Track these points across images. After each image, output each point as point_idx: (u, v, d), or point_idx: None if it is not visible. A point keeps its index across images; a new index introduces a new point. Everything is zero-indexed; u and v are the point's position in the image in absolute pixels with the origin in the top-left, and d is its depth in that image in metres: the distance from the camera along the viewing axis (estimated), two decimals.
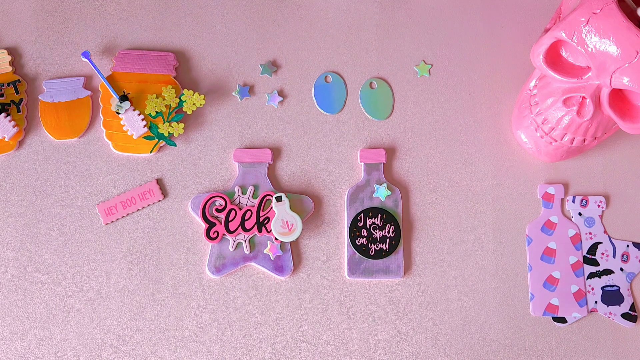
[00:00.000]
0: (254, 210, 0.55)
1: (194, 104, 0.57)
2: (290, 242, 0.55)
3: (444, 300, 0.55)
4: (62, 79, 0.58)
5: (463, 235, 0.56)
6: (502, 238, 0.56)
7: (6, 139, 0.56)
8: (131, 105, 0.57)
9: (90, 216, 0.56)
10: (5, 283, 0.54)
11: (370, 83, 0.60)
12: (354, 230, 0.56)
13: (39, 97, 0.58)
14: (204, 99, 0.57)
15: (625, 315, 0.55)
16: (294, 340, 0.54)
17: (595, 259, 0.56)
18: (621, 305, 0.55)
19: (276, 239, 0.55)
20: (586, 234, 0.56)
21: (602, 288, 0.55)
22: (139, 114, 0.56)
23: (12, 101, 0.57)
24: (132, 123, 0.56)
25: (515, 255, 0.56)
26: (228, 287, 0.55)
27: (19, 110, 0.57)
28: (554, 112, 0.52)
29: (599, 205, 0.57)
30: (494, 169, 0.58)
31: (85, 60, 0.57)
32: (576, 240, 0.56)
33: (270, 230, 0.55)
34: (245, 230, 0.55)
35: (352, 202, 0.56)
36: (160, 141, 0.57)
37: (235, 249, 0.55)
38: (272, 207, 0.55)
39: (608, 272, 0.56)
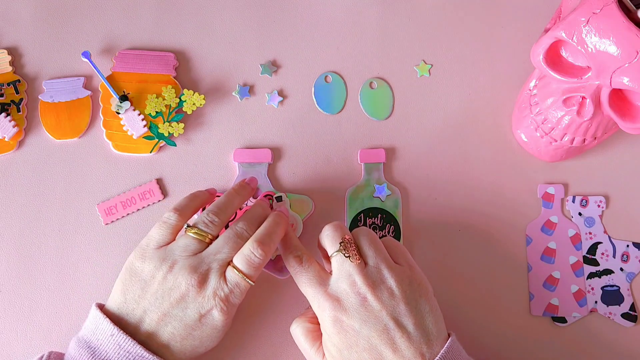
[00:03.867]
0: None
1: (194, 104, 0.57)
2: None
3: (444, 300, 0.55)
4: (62, 79, 0.58)
5: (463, 235, 0.56)
6: (502, 238, 0.56)
7: (6, 139, 0.56)
8: (131, 105, 0.57)
9: (90, 216, 0.56)
10: (5, 283, 0.54)
11: (370, 83, 0.60)
12: None
13: (39, 97, 0.58)
14: (204, 99, 0.57)
15: (625, 315, 0.55)
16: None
17: (595, 259, 0.56)
18: (621, 305, 0.55)
19: None
20: (586, 234, 0.56)
21: (602, 288, 0.55)
22: (139, 114, 0.56)
23: (12, 101, 0.57)
24: (132, 123, 0.56)
25: (515, 255, 0.56)
26: None
27: (19, 110, 0.57)
28: (554, 112, 0.52)
29: (599, 205, 0.57)
30: (494, 169, 0.58)
31: (85, 60, 0.57)
32: (576, 240, 0.56)
33: None
34: None
35: (352, 202, 0.56)
36: (160, 141, 0.57)
37: None
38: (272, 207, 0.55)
39: (608, 272, 0.56)
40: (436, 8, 0.62)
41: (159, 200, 0.56)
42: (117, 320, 0.44)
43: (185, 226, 0.47)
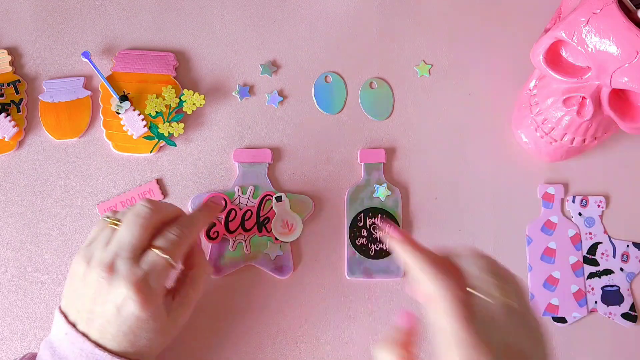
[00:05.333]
0: (254, 210, 0.55)
1: (194, 104, 0.57)
2: (290, 242, 0.55)
3: None
4: (62, 79, 0.58)
5: (463, 235, 0.56)
6: (502, 238, 0.56)
7: (6, 139, 0.56)
8: (131, 105, 0.57)
9: (90, 216, 0.56)
10: (5, 283, 0.54)
11: (370, 83, 0.60)
12: (354, 230, 0.56)
13: (39, 97, 0.58)
14: (204, 99, 0.57)
15: (625, 315, 0.55)
16: (294, 340, 0.54)
17: (595, 259, 0.56)
18: (621, 305, 0.55)
19: (276, 239, 0.55)
20: (586, 234, 0.56)
21: (602, 288, 0.55)
22: (139, 114, 0.56)
23: (12, 101, 0.57)
24: (132, 123, 0.56)
25: (515, 255, 0.56)
26: (228, 287, 0.55)
27: (19, 110, 0.57)
28: (554, 112, 0.52)
29: (599, 205, 0.57)
30: (494, 169, 0.58)
31: (85, 60, 0.57)
32: (576, 240, 0.56)
33: (270, 230, 0.55)
34: (245, 230, 0.55)
35: (352, 202, 0.56)
36: (160, 141, 0.57)
37: (235, 249, 0.55)
38: (272, 207, 0.55)
39: (608, 272, 0.56)
40: (436, 8, 0.62)
41: (159, 200, 0.56)
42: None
43: (106, 218, 0.46)
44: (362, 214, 0.56)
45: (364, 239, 0.55)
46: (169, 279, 0.45)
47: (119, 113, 0.56)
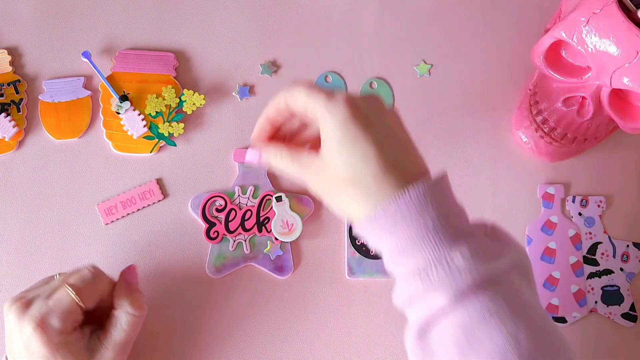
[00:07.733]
0: (254, 210, 0.55)
1: (194, 104, 0.57)
2: (290, 242, 0.55)
3: None
4: (62, 79, 0.58)
5: None
6: None
7: (6, 139, 0.56)
8: (131, 105, 0.57)
9: (90, 216, 0.56)
10: (5, 283, 0.54)
11: (370, 83, 0.60)
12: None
13: (39, 97, 0.58)
14: (204, 99, 0.57)
15: (625, 315, 0.55)
16: (294, 340, 0.54)
17: (595, 259, 0.56)
18: (621, 305, 0.55)
19: (276, 239, 0.55)
20: (586, 234, 0.56)
21: (602, 288, 0.55)
22: (139, 114, 0.56)
23: (12, 101, 0.57)
24: (132, 123, 0.56)
25: None
26: (228, 287, 0.55)
27: (19, 110, 0.57)
28: (554, 112, 0.52)
29: (599, 205, 0.57)
30: (494, 169, 0.58)
31: (85, 60, 0.57)
32: (576, 240, 0.56)
33: (270, 230, 0.55)
34: (245, 230, 0.55)
35: None
36: (160, 141, 0.57)
37: (235, 249, 0.55)
38: (272, 207, 0.55)
39: (608, 272, 0.56)
40: (436, 8, 0.62)
41: (159, 200, 0.56)
42: None
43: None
44: None
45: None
46: (77, 317, 0.44)
47: (119, 113, 0.56)
